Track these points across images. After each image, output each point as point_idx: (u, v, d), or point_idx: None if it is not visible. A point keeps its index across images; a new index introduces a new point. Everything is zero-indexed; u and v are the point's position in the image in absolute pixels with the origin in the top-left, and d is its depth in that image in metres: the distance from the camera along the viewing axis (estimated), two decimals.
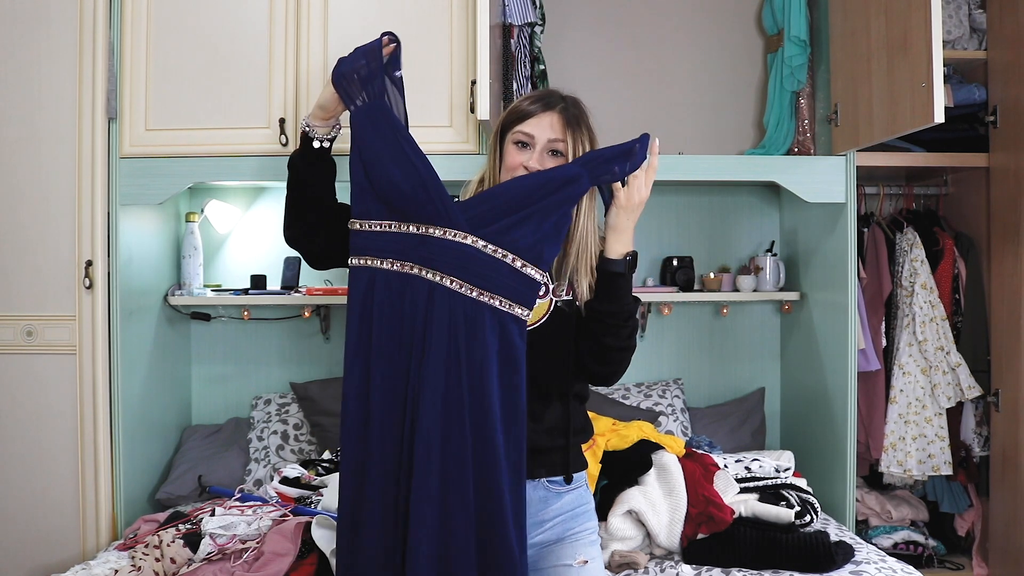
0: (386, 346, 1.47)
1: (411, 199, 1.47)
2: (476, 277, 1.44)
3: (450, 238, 1.45)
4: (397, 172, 1.48)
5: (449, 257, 1.45)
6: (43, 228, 2.28)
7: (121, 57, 2.29)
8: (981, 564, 2.72)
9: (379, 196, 1.50)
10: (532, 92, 1.62)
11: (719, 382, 3.00)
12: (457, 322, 1.43)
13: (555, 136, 1.52)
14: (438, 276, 1.45)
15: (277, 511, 2.07)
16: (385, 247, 1.49)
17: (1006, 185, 2.59)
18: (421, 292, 1.45)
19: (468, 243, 1.45)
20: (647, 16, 2.99)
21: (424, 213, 1.47)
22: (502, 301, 1.44)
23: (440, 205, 1.46)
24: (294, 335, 2.88)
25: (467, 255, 1.44)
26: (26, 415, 2.28)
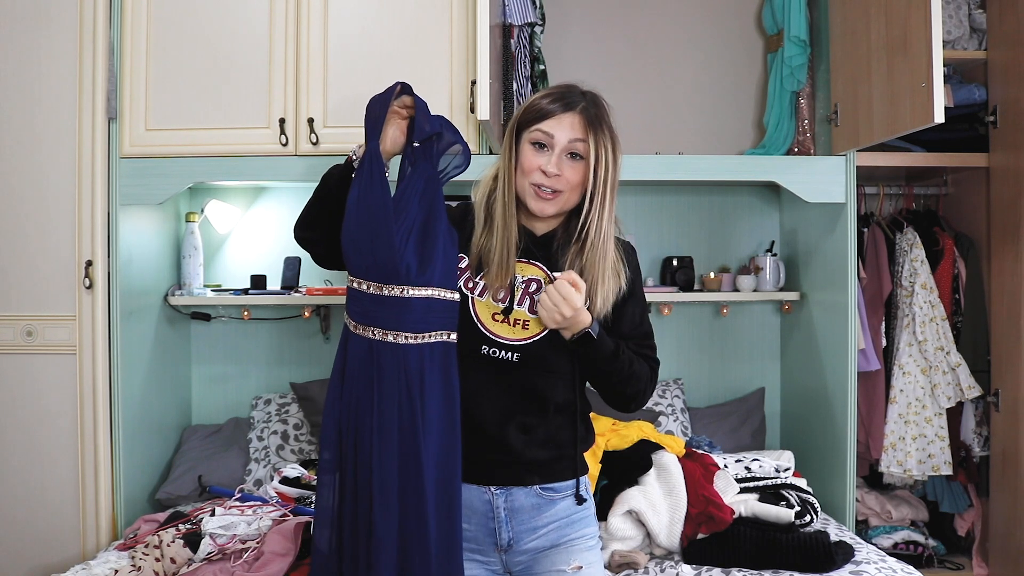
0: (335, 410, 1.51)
1: (358, 251, 1.47)
2: (414, 323, 1.44)
3: (388, 293, 1.45)
4: (353, 221, 1.46)
5: (388, 311, 1.44)
6: (43, 228, 2.28)
7: (121, 57, 2.29)
8: (981, 564, 2.72)
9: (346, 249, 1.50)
10: (551, 88, 1.53)
11: (719, 382, 3.00)
12: (404, 374, 1.44)
13: (575, 136, 1.45)
14: (379, 334, 1.45)
15: (277, 511, 2.07)
16: (348, 306, 1.50)
17: (1006, 185, 2.59)
18: (362, 350, 1.47)
19: (401, 294, 1.44)
20: (647, 16, 2.99)
21: (372, 270, 1.46)
22: (439, 335, 1.46)
23: (379, 258, 1.44)
24: (294, 335, 2.88)
25: (401, 305, 1.44)
26: (26, 415, 2.28)
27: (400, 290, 1.43)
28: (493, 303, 1.49)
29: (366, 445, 1.45)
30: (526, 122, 1.48)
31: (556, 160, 1.45)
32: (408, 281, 1.43)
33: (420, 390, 1.43)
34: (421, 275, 1.43)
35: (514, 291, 1.49)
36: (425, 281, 1.44)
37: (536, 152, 1.46)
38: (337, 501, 1.49)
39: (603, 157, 1.45)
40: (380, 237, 1.43)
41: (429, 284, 1.44)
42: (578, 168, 1.46)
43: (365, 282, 1.46)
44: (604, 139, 1.46)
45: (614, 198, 1.49)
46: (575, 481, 1.55)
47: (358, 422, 1.46)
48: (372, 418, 1.44)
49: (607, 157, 1.46)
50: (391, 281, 1.44)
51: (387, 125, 1.50)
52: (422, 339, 1.44)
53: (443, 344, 1.46)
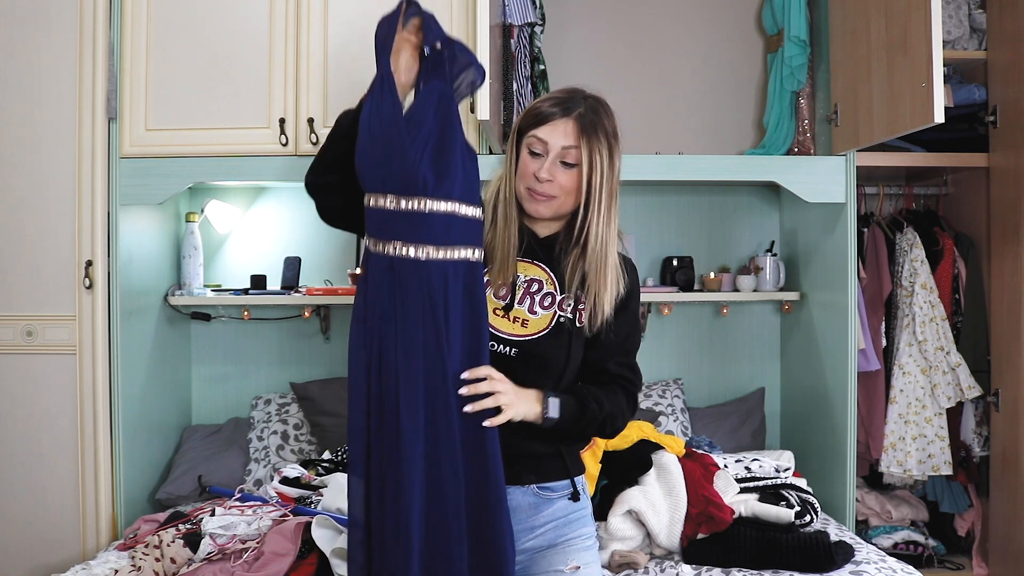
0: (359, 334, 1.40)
1: (373, 166, 1.38)
2: (435, 237, 1.35)
3: (407, 207, 1.36)
4: (366, 135, 1.38)
5: (405, 225, 1.35)
6: (43, 228, 2.28)
7: (121, 57, 2.30)
8: (981, 564, 2.72)
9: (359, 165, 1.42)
10: (555, 92, 1.53)
11: (719, 382, 3.00)
12: (429, 291, 1.35)
13: (568, 143, 1.45)
14: (402, 249, 1.36)
15: (277, 511, 2.07)
16: (367, 226, 1.41)
17: (1006, 185, 2.59)
18: (382, 266, 1.37)
19: (421, 207, 1.35)
20: (647, 16, 2.99)
21: (383, 180, 1.37)
22: (462, 249, 1.38)
23: (395, 170, 1.36)
24: (294, 335, 2.88)
25: (421, 218, 1.35)
26: (26, 415, 2.28)
27: (419, 203, 1.35)
28: (495, 299, 1.50)
29: (391, 366, 1.36)
30: (526, 126, 1.49)
31: (548, 166, 1.45)
32: (426, 194, 1.35)
33: (444, 309, 1.35)
34: (439, 188, 1.36)
35: (515, 290, 1.50)
36: (444, 195, 1.36)
37: (532, 158, 1.47)
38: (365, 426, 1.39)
39: (597, 164, 1.45)
40: (394, 148, 1.36)
41: (449, 198, 1.36)
42: (572, 174, 1.46)
43: (383, 196, 1.37)
44: (599, 146, 1.45)
45: (614, 204, 1.49)
46: (571, 480, 1.55)
47: (382, 345, 1.36)
48: (396, 338, 1.36)
49: (601, 164, 1.45)
50: (409, 193, 1.36)
51: (398, 54, 1.43)
52: (444, 254, 1.37)
53: (467, 263, 1.38)
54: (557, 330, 1.50)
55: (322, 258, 2.88)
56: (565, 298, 1.52)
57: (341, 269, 2.86)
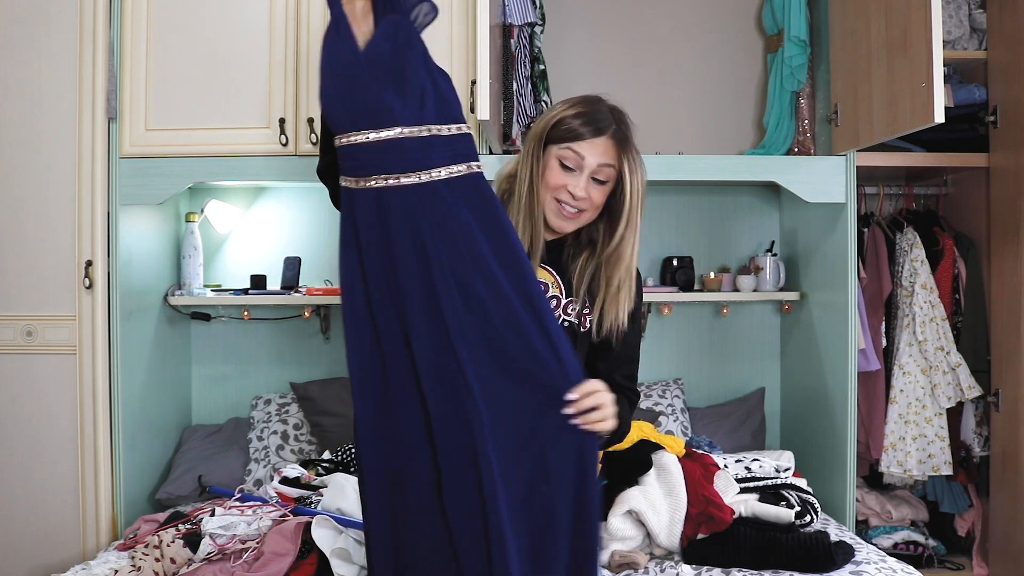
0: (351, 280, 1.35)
1: (339, 106, 1.35)
2: (413, 162, 1.31)
3: (380, 137, 1.31)
4: (328, 77, 1.35)
5: (382, 156, 1.31)
6: (43, 228, 2.28)
7: (121, 57, 2.30)
8: (981, 564, 2.72)
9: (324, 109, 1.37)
10: (581, 106, 1.52)
11: (719, 382, 3.00)
12: (415, 214, 1.31)
13: (606, 161, 1.47)
14: (380, 180, 1.31)
15: (277, 511, 2.07)
16: (344, 166, 1.36)
17: (1006, 185, 2.59)
18: (370, 204, 1.32)
19: (393, 136, 1.31)
20: (647, 16, 2.99)
21: (348, 120, 1.34)
22: (449, 170, 1.33)
23: (365, 105, 1.32)
24: (294, 335, 2.88)
25: (396, 146, 1.31)
26: (26, 415, 2.28)
27: (391, 131, 1.31)
28: None
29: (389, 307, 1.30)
30: (556, 138, 1.49)
31: (585, 184, 1.47)
32: (397, 122, 1.31)
33: (458, 229, 1.30)
34: (406, 113, 1.32)
35: None
36: (414, 119, 1.32)
37: (563, 171, 1.47)
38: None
39: (636, 182, 1.48)
40: (358, 84, 1.32)
41: (421, 121, 1.32)
42: (603, 191, 1.49)
43: (355, 133, 1.33)
44: (633, 164, 1.48)
45: (641, 220, 1.51)
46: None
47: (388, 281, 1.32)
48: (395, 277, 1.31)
49: (637, 181, 1.48)
50: (379, 125, 1.32)
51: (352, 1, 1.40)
52: (431, 176, 1.31)
53: (463, 178, 1.32)
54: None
55: (322, 258, 2.88)
56: (570, 302, 1.52)
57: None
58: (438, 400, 1.31)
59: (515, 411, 1.32)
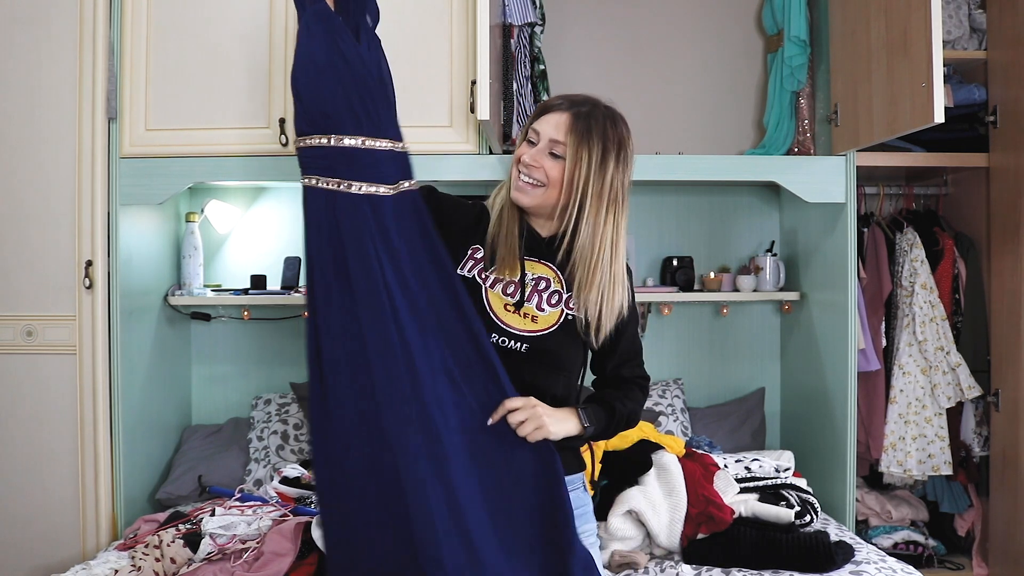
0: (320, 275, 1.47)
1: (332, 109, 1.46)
2: (368, 174, 1.46)
3: (344, 144, 1.46)
4: (301, 77, 1.47)
5: (342, 163, 1.46)
6: (43, 228, 2.28)
7: (121, 57, 2.29)
8: (981, 564, 2.72)
9: (306, 110, 1.48)
10: (573, 94, 1.58)
11: (719, 382, 3.00)
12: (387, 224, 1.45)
13: (557, 137, 1.47)
14: (333, 183, 1.45)
15: (277, 511, 2.07)
16: (319, 164, 1.48)
17: (1006, 185, 2.59)
18: (319, 202, 1.46)
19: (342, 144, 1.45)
20: (647, 16, 2.99)
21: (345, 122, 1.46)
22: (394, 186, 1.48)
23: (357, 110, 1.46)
24: (294, 335, 2.88)
25: (359, 156, 1.45)
26: (26, 415, 2.28)
27: (359, 141, 1.45)
28: (504, 296, 1.51)
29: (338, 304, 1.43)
30: (532, 119, 1.55)
31: (536, 153, 1.49)
32: (360, 132, 1.45)
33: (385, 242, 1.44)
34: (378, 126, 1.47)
35: (524, 287, 1.51)
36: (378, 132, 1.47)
37: (527, 146, 1.52)
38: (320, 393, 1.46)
39: (582, 160, 1.45)
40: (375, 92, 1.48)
41: (382, 135, 1.48)
42: (558, 165, 1.48)
43: (324, 136, 1.46)
44: (589, 144, 1.45)
45: (607, 208, 1.47)
46: (579, 476, 1.57)
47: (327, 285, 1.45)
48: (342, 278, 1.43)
49: (589, 162, 1.45)
50: (347, 133, 1.45)
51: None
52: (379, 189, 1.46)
53: (409, 194, 1.49)
54: (566, 326, 1.51)
55: None
56: (570, 297, 1.52)
57: None
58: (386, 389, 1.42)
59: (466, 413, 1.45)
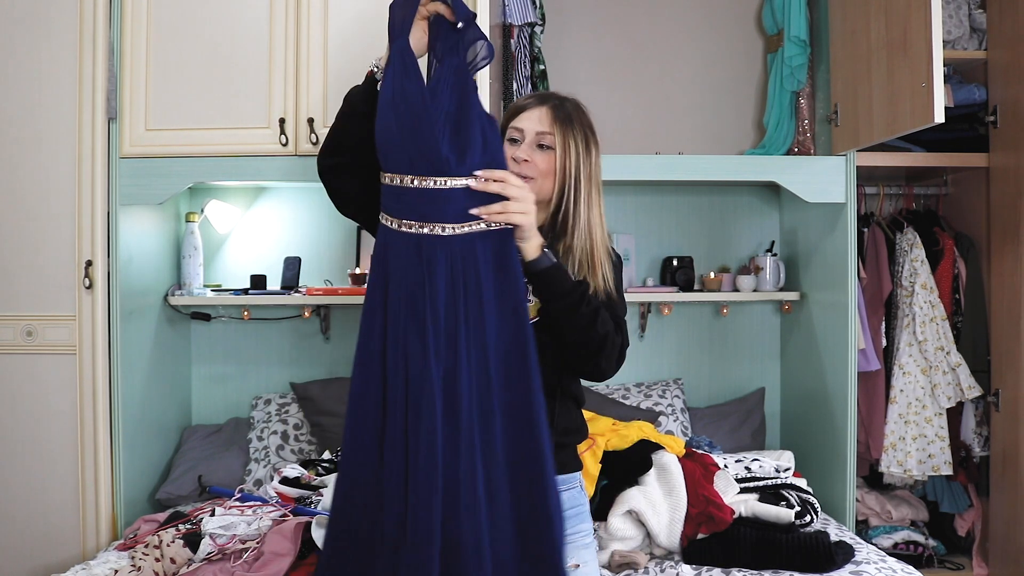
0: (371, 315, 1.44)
1: (393, 147, 1.42)
2: (455, 215, 1.39)
3: (429, 185, 1.39)
4: (391, 115, 1.43)
5: (428, 204, 1.40)
6: (43, 228, 2.28)
7: (121, 57, 2.29)
8: (981, 564, 2.72)
9: (379, 146, 1.45)
10: (531, 93, 1.64)
11: (719, 382, 3.00)
12: (454, 263, 1.39)
13: (543, 129, 1.52)
14: (426, 228, 1.40)
15: (277, 511, 2.07)
16: (387, 203, 1.44)
17: (1006, 185, 2.59)
18: (411, 247, 1.40)
19: (439, 186, 1.39)
20: (647, 16, 2.99)
21: (404, 163, 1.41)
22: (486, 223, 1.40)
23: (414, 149, 1.40)
24: (294, 335, 2.88)
25: (442, 197, 1.39)
26: (26, 415, 2.28)
27: (442, 181, 1.39)
28: None
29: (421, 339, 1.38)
30: (506, 122, 1.58)
31: (526, 148, 1.52)
32: (447, 173, 1.39)
33: (476, 281, 1.38)
34: (461, 166, 1.40)
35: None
36: (465, 171, 1.40)
37: (511, 145, 1.54)
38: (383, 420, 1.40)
39: (571, 148, 1.52)
40: (421, 130, 1.40)
41: (470, 174, 1.40)
42: (548, 157, 1.52)
43: (406, 176, 1.40)
44: (573, 131, 1.53)
45: (594, 192, 1.54)
46: (575, 475, 1.56)
47: (411, 316, 1.39)
48: (427, 310, 1.38)
49: (576, 148, 1.53)
50: (432, 173, 1.39)
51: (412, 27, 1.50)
52: (468, 228, 1.40)
53: (494, 233, 1.41)
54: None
55: (322, 258, 2.88)
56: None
57: (341, 269, 2.86)
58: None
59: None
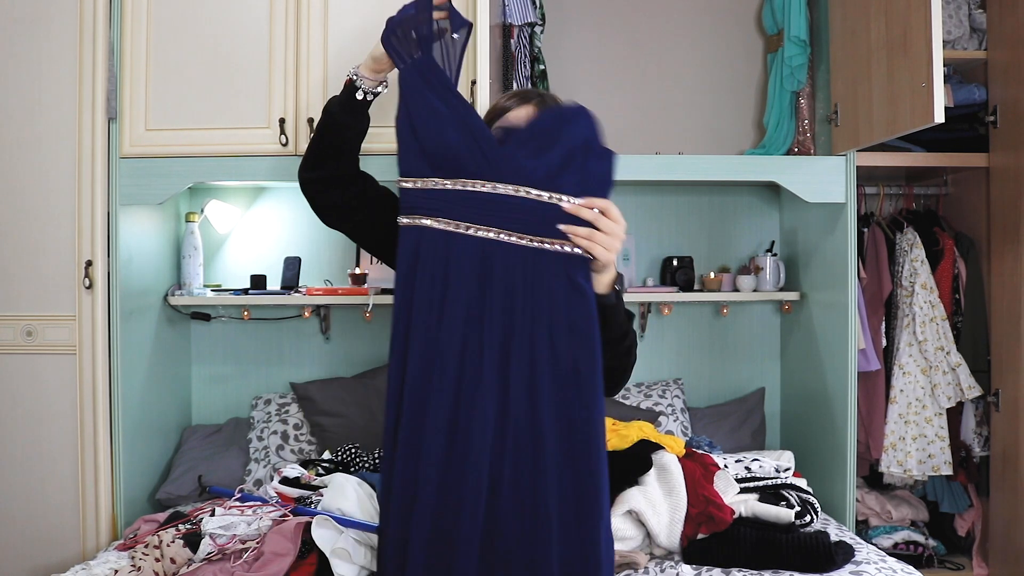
0: (425, 311, 1.41)
1: (459, 155, 1.41)
2: (531, 225, 1.37)
3: (500, 191, 1.39)
4: (448, 129, 1.42)
5: (501, 210, 1.38)
6: (43, 228, 2.28)
7: (121, 57, 2.29)
8: (981, 564, 2.72)
9: (427, 154, 1.43)
10: (510, 92, 1.62)
11: (719, 382, 3.00)
12: (515, 275, 1.36)
13: None
14: (492, 232, 1.38)
15: (277, 511, 2.07)
16: (436, 205, 1.42)
17: (1006, 185, 2.59)
18: (471, 252, 1.39)
19: (519, 195, 1.37)
20: (647, 16, 2.99)
21: (472, 168, 1.41)
22: (563, 244, 1.37)
23: (489, 158, 1.40)
24: (294, 335, 2.88)
25: (518, 206, 1.37)
26: (26, 415, 2.28)
27: (524, 191, 1.37)
28: None
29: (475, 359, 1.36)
30: (489, 123, 1.55)
31: None
32: (534, 183, 1.37)
33: (549, 302, 1.35)
34: (553, 181, 1.37)
35: None
36: (557, 188, 1.37)
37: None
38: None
39: None
40: (484, 135, 1.41)
41: (552, 188, 1.38)
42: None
43: (477, 181, 1.39)
44: None
45: None
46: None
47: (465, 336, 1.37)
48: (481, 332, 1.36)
49: None
50: (516, 181, 1.38)
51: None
52: (539, 243, 1.37)
53: (573, 257, 1.37)
54: None
55: (322, 258, 2.88)
56: None
57: (341, 269, 2.87)
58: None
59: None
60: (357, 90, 1.61)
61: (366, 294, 2.61)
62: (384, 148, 2.06)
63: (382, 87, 1.63)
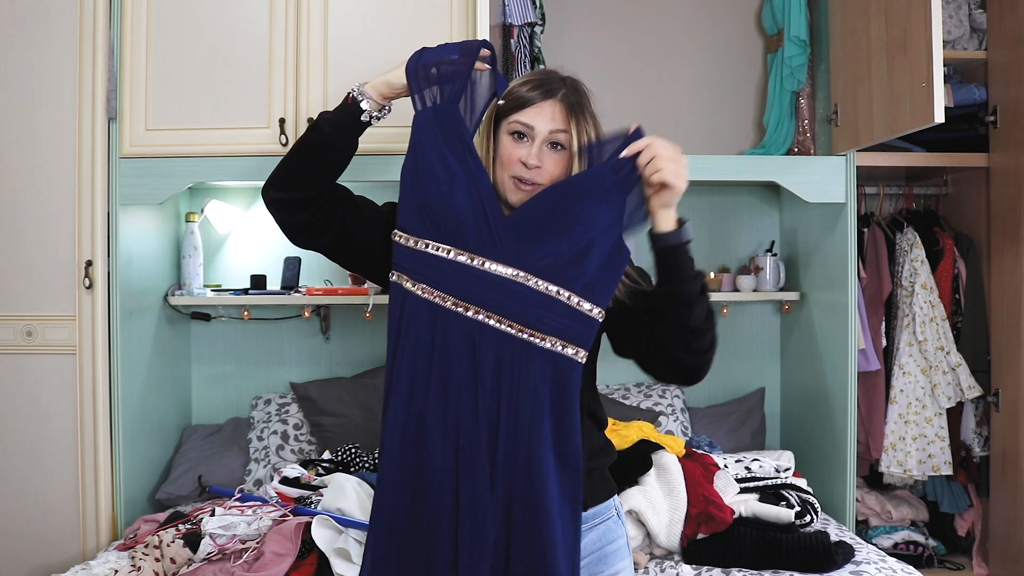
0: (415, 379, 1.30)
1: (463, 222, 1.29)
2: (524, 315, 1.26)
3: (498, 272, 1.28)
4: (458, 191, 1.30)
5: (495, 293, 1.27)
6: (43, 228, 2.28)
7: (121, 57, 2.29)
8: (981, 564, 2.72)
9: (428, 212, 1.31)
10: (530, 75, 1.43)
11: (719, 382, 3.00)
12: (503, 365, 1.26)
13: (556, 127, 1.35)
14: (481, 314, 1.27)
15: (277, 511, 2.07)
16: (425, 271, 1.30)
17: (1006, 185, 2.59)
18: (457, 331, 1.27)
19: (518, 280, 1.27)
20: (647, 16, 2.99)
21: (472, 239, 1.29)
22: (554, 342, 1.26)
23: (494, 232, 1.29)
24: (294, 335, 2.88)
25: (515, 292, 1.27)
26: (26, 415, 2.28)
27: (524, 276, 1.27)
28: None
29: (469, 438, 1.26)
30: (505, 111, 1.38)
31: (536, 152, 1.34)
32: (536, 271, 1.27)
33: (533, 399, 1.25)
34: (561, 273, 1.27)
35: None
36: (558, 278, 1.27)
37: (516, 143, 1.36)
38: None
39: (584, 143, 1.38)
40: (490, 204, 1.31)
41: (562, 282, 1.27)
42: (560, 159, 1.35)
43: (475, 256, 1.28)
44: (586, 126, 1.38)
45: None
46: (610, 503, 1.42)
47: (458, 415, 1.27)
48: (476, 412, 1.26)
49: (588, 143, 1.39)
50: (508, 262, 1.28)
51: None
52: (528, 336, 1.26)
53: (561, 357, 1.27)
54: None
55: (322, 258, 2.83)
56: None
57: (341, 269, 2.86)
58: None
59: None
60: (361, 111, 1.41)
61: (366, 294, 2.61)
62: (382, 148, 2.07)
63: (385, 112, 1.44)
